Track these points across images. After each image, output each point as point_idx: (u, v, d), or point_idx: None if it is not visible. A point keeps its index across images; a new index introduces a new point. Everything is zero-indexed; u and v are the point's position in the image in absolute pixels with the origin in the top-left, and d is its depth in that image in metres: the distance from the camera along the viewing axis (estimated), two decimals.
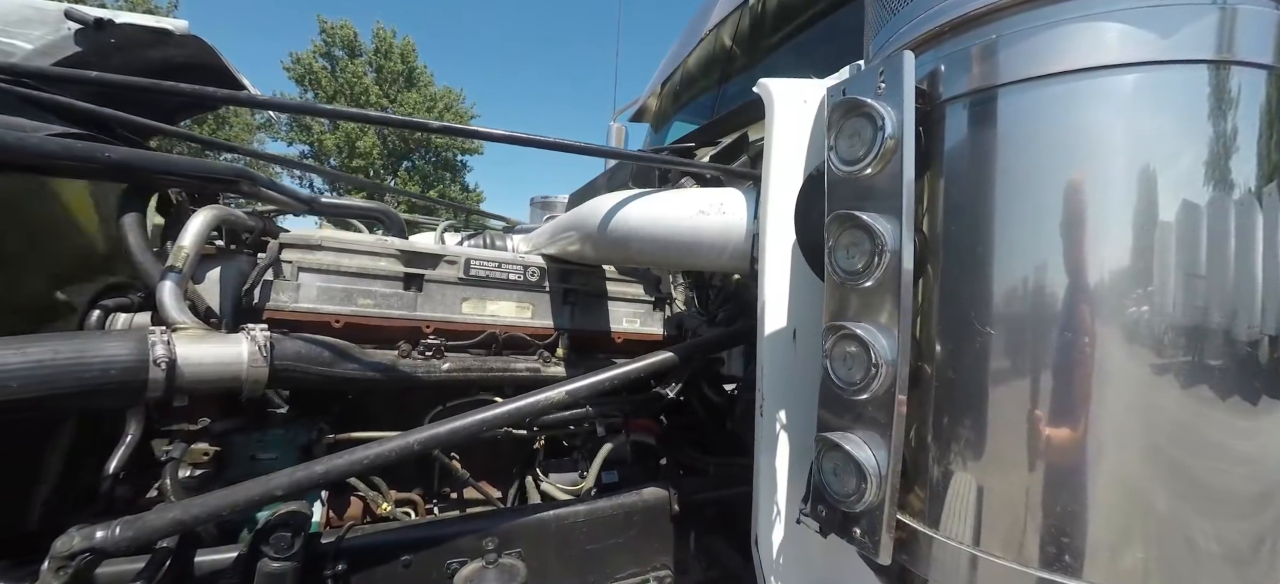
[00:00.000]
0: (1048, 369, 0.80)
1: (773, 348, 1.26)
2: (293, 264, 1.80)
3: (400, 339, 1.89)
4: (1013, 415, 0.82)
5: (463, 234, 2.92)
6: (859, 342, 0.88)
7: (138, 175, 1.56)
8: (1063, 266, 0.80)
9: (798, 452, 1.27)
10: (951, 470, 0.86)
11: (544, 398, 1.55)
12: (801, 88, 1.31)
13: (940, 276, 0.88)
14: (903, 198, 0.84)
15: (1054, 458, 0.79)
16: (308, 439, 1.77)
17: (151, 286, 1.49)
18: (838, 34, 2.66)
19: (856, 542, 0.90)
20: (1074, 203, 0.79)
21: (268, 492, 1.29)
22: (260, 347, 1.47)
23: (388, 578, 1.56)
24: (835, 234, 0.94)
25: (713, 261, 1.49)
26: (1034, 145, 0.82)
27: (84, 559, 1.18)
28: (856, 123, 0.90)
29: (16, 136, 1.32)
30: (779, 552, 1.28)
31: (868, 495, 0.87)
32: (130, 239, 1.52)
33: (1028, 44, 0.82)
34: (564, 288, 2.16)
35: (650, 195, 1.54)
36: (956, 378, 0.86)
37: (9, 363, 1.13)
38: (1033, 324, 0.81)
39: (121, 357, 1.26)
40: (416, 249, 1.97)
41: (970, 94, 0.86)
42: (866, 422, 0.90)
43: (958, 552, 0.85)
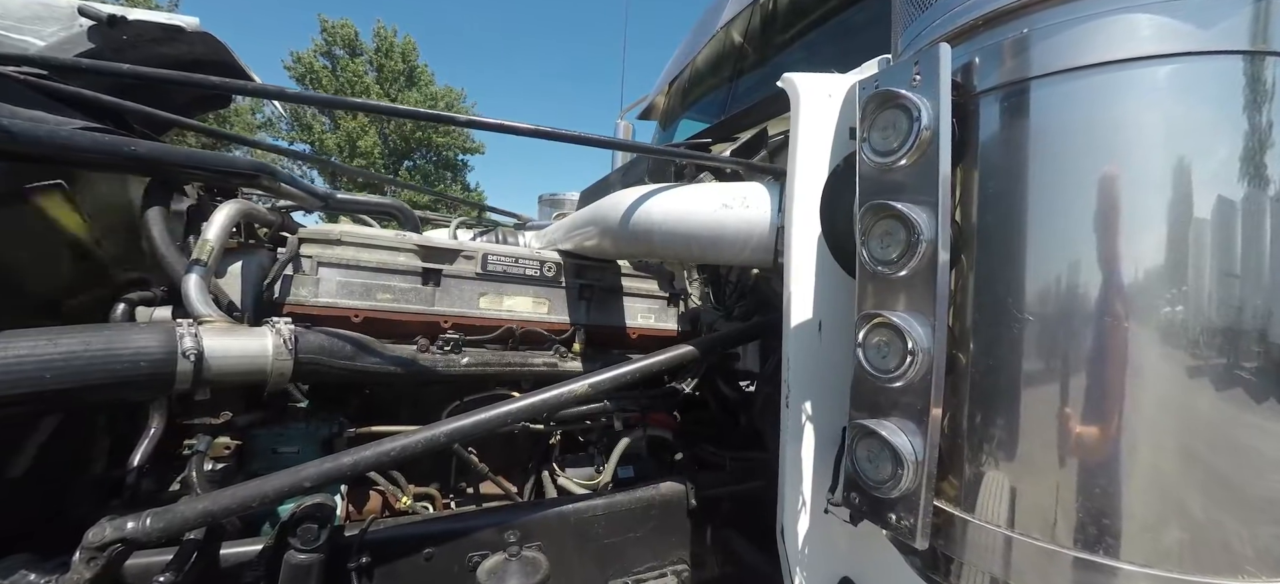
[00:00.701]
0: (1082, 358, 0.81)
1: (798, 340, 1.27)
2: (312, 259, 1.81)
3: (418, 334, 1.90)
4: (1048, 402, 0.83)
5: (474, 231, 2.93)
6: (894, 330, 0.89)
7: (161, 169, 1.57)
8: (1097, 259, 0.81)
9: (823, 442, 1.28)
10: (987, 456, 0.87)
11: (567, 391, 1.56)
12: (826, 82, 1.32)
13: (975, 266, 0.89)
14: (939, 188, 0.85)
15: (1089, 444, 0.80)
16: (329, 433, 1.78)
17: (176, 280, 1.50)
18: (849, 31, 2.67)
19: (892, 527, 0.91)
20: (1108, 195, 0.80)
21: (297, 483, 1.30)
22: (285, 340, 1.48)
23: (410, 570, 1.56)
24: (869, 224, 0.95)
25: (735, 255, 1.50)
26: (1069, 137, 0.83)
27: (115, 550, 1.19)
28: (891, 114, 0.91)
29: (46, 130, 1.33)
30: (804, 542, 1.29)
31: (904, 481, 0.88)
32: (154, 233, 1.53)
33: (1062, 36, 0.83)
34: (580, 283, 2.17)
35: (673, 189, 1.55)
36: (992, 366, 0.87)
37: (43, 354, 1.14)
38: (1067, 314, 0.82)
39: (151, 349, 1.27)
40: (434, 244, 1.98)
41: (1005, 86, 0.87)
42: (902, 409, 0.91)
43: (993, 534, 0.86)
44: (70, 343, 1.18)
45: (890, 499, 0.91)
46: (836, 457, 1.25)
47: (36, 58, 1.47)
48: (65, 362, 1.16)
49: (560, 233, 2.17)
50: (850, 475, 0.98)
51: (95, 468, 1.70)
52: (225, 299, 1.62)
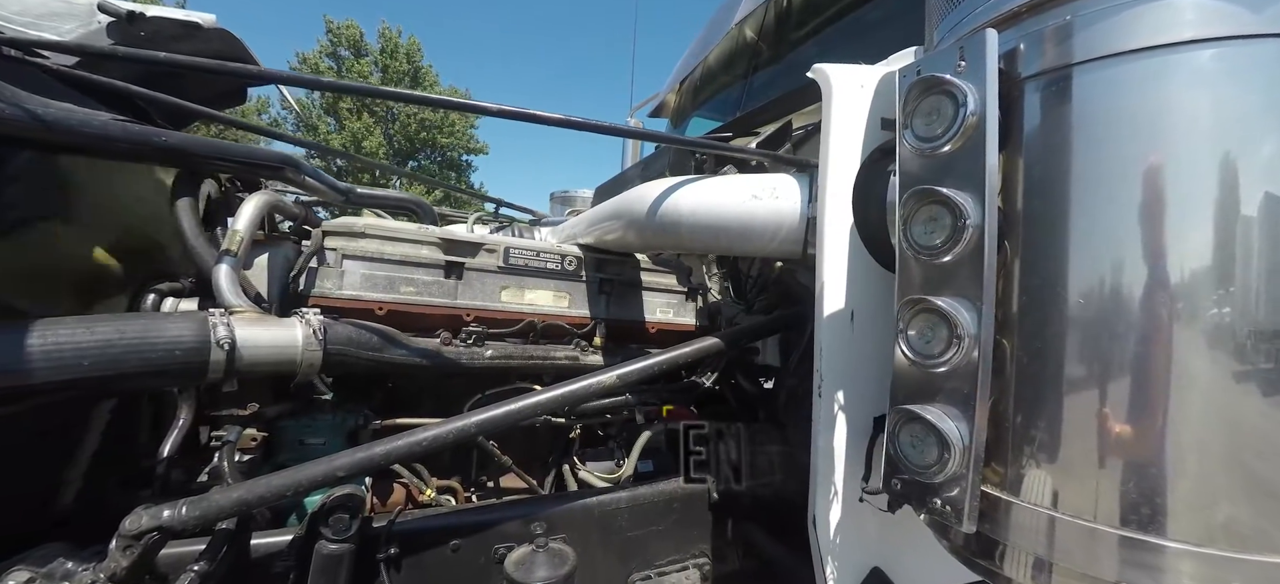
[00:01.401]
0: (1129, 342, 0.81)
1: (831, 329, 1.27)
2: (336, 252, 1.81)
3: (441, 327, 1.91)
4: (1094, 386, 0.83)
5: (491, 226, 2.94)
6: (940, 315, 0.89)
7: (190, 160, 1.57)
8: (1143, 245, 0.81)
9: (855, 432, 1.28)
10: (1033, 439, 0.87)
11: (594, 382, 1.56)
12: (857, 73, 1.32)
13: (1020, 252, 0.89)
14: (986, 173, 0.85)
15: (1135, 426, 0.80)
16: (354, 425, 1.79)
17: (205, 270, 1.51)
18: (865, 28, 2.67)
19: (936, 512, 0.91)
20: (1153, 181, 0.80)
21: (330, 472, 1.31)
22: (314, 330, 1.48)
23: (437, 562, 1.57)
24: (911, 210, 0.95)
25: (764, 247, 1.50)
26: (1114, 123, 0.83)
27: (151, 538, 1.20)
28: (936, 100, 0.91)
29: (80, 118, 1.34)
30: (836, 532, 1.29)
31: (951, 465, 0.88)
32: (184, 223, 1.53)
33: (1107, 21, 0.83)
34: (600, 277, 2.17)
35: (701, 181, 1.55)
36: (1038, 350, 0.87)
37: (80, 342, 1.15)
38: (1113, 299, 0.82)
39: (185, 338, 1.28)
40: (457, 238, 1.98)
41: (1050, 72, 0.87)
42: (946, 394, 0.91)
43: (1039, 515, 0.86)
44: (106, 331, 1.19)
45: (934, 484, 0.91)
46: (868, 446, 1.26)
47: (73, 45, 1.47)
48: (101, 349, 1.17)
49: (581, 226, 2.17)
50: (892, 461, 0.98)
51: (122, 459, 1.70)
52: (252, 291, 1.63)
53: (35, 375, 1.10)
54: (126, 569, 1.17)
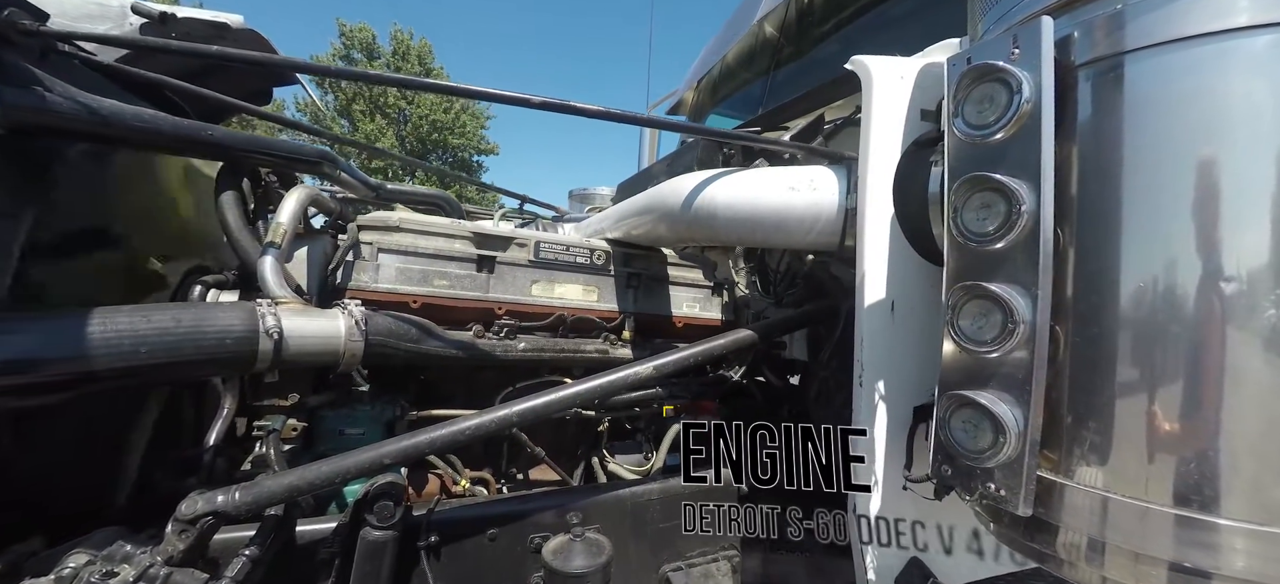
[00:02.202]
0: (1183, 326, 0.81)
1: (871, 320, 1.28)
2: (372, 245, 1.84)
3: (473, 320, 1.93)
4: (1149, 370, 0.84)
5: (516, 222, 2.96)
6: (995, 300, 0.90)
7: (234, 154, 1.60)
8: (1199, 232, 0.81)
9: (896, 422, 1.29)
10: (1087, 424, 0.88)
11: (632, 373, 1.58)
12: (897, 64, 1.33)
13: (1075, 239, 0.90)
14: (1043, 160, 0.86)
15: (1190, 409, 0.81)
16: (392, 416, 1.81)
17: (249, 263, 1.53)
18: (887, 23, 2.68)
19: (990, 496, 0.92)
20: (1209, 168, 0.81)
21: (377, 459, 1.33)
22: (357, 321, 1.51)
23: (475, 550, 1.59)
24: (963, 197, 0.96)
25: (800, 239, 1.51)
26: (1168, 108, 0.83)
27: (206, 523, 1.22)
28: (989, 88, 0.92)
29: (133, 113, 1.36)
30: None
31: (1006, 450, 0.89)
32: (228, 216, 1.56)
33: (1165, 8, 0.84)
34: (628, 272, 2.19)
35: (737, 174, 1.57)
36: (1093, 336, 0.88)
37: (138, 330, 1.18)
38: (1169, 285, 0.82)
39: (235, 327, 1.30)
40: (489, 232, 2.00)
41: (1103, 59, 0.88)
42: (1000, 379, 0.92)
43: (1092, 496, 0.87)
44: (162, 320, 1.22)
45: (988, 468, 0.92)
46: (909, 435, 1.26)
47: (136, 40, 1.50)
48: (158, 337, 1.19)
49: (609, 221, 2.19)
50: (942, 446, 0.99)
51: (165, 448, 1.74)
52: (293, 282, 1.65)
53: (96, 363, 1.12)
54: (183, 552, 1.20)
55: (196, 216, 1.97)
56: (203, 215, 1.93)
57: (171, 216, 1.87)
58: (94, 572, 1.13)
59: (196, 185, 1.97)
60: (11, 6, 1.17)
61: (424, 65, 28.75)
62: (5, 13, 1.16)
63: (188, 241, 1.93)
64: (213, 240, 1.94)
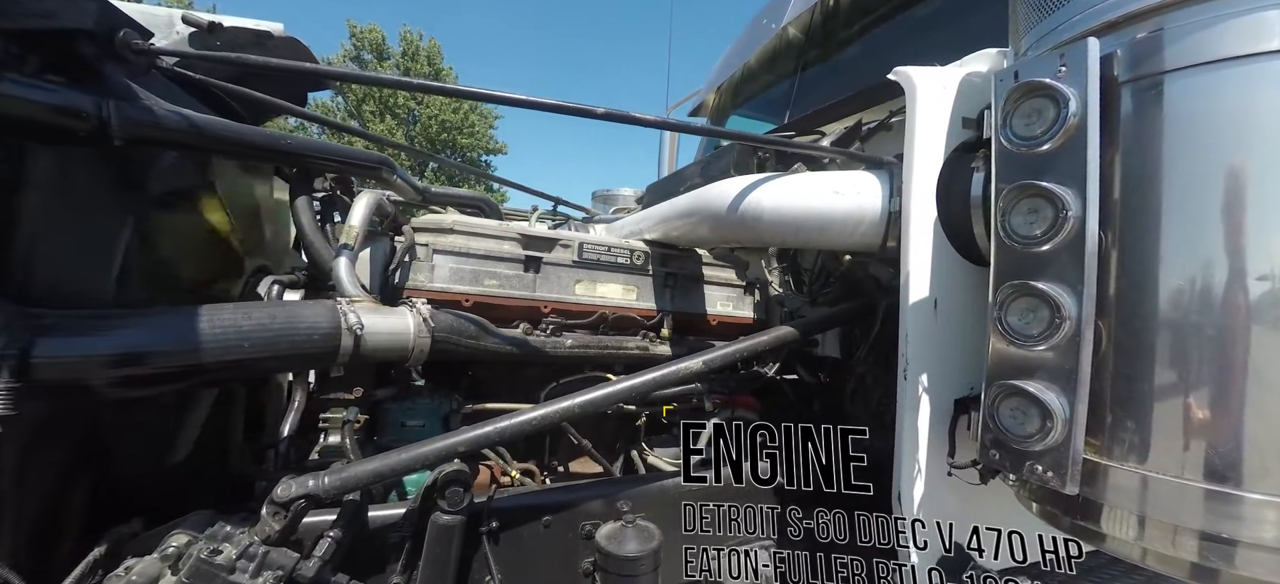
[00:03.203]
0: (1215, 323, 0.90)
1: (915, 317, 1.36)
2: (427, 246, 1.93)
3: (521, 318, 2.02)
4: (1185, 362, 0.93)
5: (549, 223, 3.06)
6: (1042, 297, 0.99)
7: (307, 161, 1.70)
8: (1232, 237, 0.90)
9: (938, 413, 1.37)
10: (1128, 409, 0.97)
11: (683, 367, 1.67)
12: (939, 74, 1.41)
13: (1117, 241, 0.98)
14: (1089, 170, 0.95)
15: (1221, 396, 0.90)
16: (448, 409, 1.91)
17: (323, 263, 1.63)
18: (911, 28, 2.76)
19: (1038, 477, 1.00)
20: (1243, 179, 0.90)
21: (452, 448, 1.42)
22: (425, 319, 1.60)
23: (531, 535, 1.68)
24: (1010, 202, 1.04)
25: (842, 241, 1.60)
26: (1203, 124, 0.92)
27: (299, 506, 1.32)
28: (1037, 103, 1.00)
29: (221, 123, 1.46)
30: (919, 506, 1.38)
31: (1053, 434, 0.97)
32: (303, 219, 1.66)
33: (1202, 32, 0.92)
34: (665, 271, 2.28)
35: (782, 178, 1.65)
36: (1135, 329, 0.96)
37: (241, 326, 1.27)
38: (1203, 286, 0.91)
39: (322, 324, 1.40)
40: (535, 233, 2.10)
41: (1144, 77, 0.96)
42: (1047, 370, 1.00)
43: (1132, 476, 0.95)
44: (261, 317, 1.31)
45: (1036, 451, 1.00)
46: (951, 425, 1.35)
47: (236, 58, 1.59)
48: (259, 333, 1.29)
49: (648, 223, 2.28)
50: (990, 432, 1.07)
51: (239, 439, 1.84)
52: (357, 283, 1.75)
53: (206, 356, 1.22)
54: (278, 533, 1.29)
55: (257, 219, 2.07)
56: (262, 217, 2.03)
57: (237, 219, 1.96)
58: (201, 549, 1.23)
59: (254, 191, 2.06)
60: (125, 28, 1.27)
61: (433, 66, 28.92)
62: (120, 34, 1.26)
63: (249, 242, 2.03)
64: (267, 242, 2.05)
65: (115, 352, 1.16)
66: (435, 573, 1.50)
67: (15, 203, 1.22)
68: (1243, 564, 0.88)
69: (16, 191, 1.22)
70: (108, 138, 1.23)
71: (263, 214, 1.92)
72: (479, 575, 1.60)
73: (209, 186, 1.72)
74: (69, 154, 1.30)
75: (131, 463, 1.48)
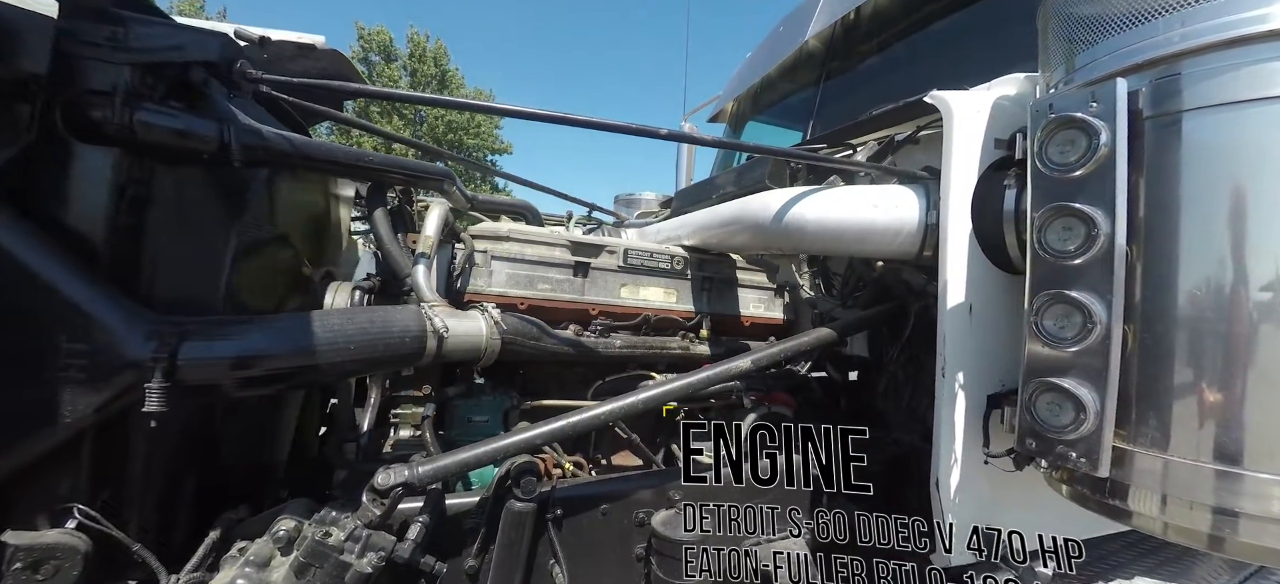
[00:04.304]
0: (1227, 327, 1.04)
1: (953, 321, 1.50)
2: (486, 253, 2.07)
3: (570, 320, 2.16)
4: (1199, 360, 1.07)
5: (584, 228, 3.20)
6: (1076, 305, 1.12)
7: (384, 175, 1.84)
8: (1232, 251, 1.05)
9: (973, 408, 1.51)
10: (1150, 401, 1.11)
11: (734, 365, 1.81)
12: (971, 99, 1.54)
13: (1141, 256, 1.12)
14: (1117, 194, 1.09)
15: (1228, 391, 1.05)
16: (508, 405, 2.05)
17: (401, 271, 1.77)
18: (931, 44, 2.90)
19: (1073, 464, 1.14)
20: (1248, 204, 1.04)
21: (530, 440, 1.56)
22: (496, 321, 1.74)
23: (590, 523, 1.82)
24: (1047, 220, 1.18)
25: (881, 250, 1.73)
26: (1219, 157, 1.07)
27: (396, 493, 1.45)
28: (1071, 134, 1.14)
29: (313, 143, 1.61)
30: (956, 492, 1.52)
31: (1086, 424, 1.11)
32: (382, 230, 1.80)
33: (1215, 79, 1.06)
34: (702, 275, 2.42)
35: (826, 191, 1.79)
36: (1159, 332, 1.10)
37: (346, 330, 1.42)
38: (1215, 296, 1.05)
39: (412, 327, 1.54)
40: (584, 240, 2.24)
41: (1165, 114, 1.10)
42: (1079, 369, 1.14)
43: (1155, 459, 1.10)
44: (361, 321, 1.46)
45: (1069, 440, 1.14)
46: (985, 419, 1.49)
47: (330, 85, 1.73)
48: (360, 336, 1.43)
49: (686, 229, 2.41)
50: (1028, 423, 1.21)
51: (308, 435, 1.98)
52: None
53: (319, 357, 1.36)
54: (378, 517, 1.43)
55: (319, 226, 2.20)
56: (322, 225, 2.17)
57: (307, 227, 2.10)
58: (315, 532, 1.37)
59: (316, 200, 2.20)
60: (242, 58, 1.41)
61: (439, 67, 29.10)
62: (237, 65, 1.40)
63: (314, 249, 2.16)
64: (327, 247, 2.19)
65: (242, 354, 1.30)
66: (509, 555, 1.64)
67: (145, 219, 1.37)
68: (1248, 534, 1.02)
69: (146, 208, 1.37)
70: (228, 159, 1.37)
71: (323, 222, 2.06)
72: (543, 559, 1.74)
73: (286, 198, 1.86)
74: (183, 173, 1.44)
75: (235, 455, 1.62)
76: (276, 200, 1.76)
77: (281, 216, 1.83)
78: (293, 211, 1.95)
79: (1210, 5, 1.04)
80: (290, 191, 1.92)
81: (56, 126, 1.26)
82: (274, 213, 1.78)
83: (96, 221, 1.29)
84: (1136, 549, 1.85)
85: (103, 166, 1.29)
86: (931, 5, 2.78)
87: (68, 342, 1.18)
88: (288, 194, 1.89)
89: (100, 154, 1.29)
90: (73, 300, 1.18)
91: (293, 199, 1.94)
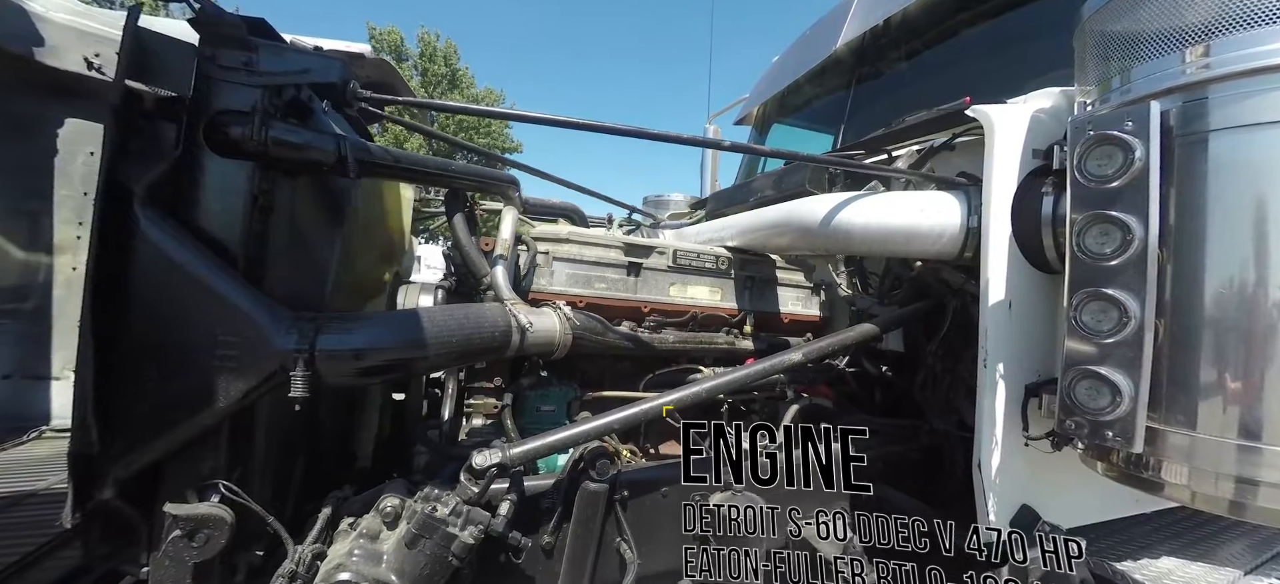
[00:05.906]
0: (1247, 321, 1.19)
1: (994, 316, 1.64)
2: (548, 254, 2.23)
3: (624, 318, 2.31)
4: (1222, 349, 1.22)
5: (625, 229, 3.36)
6: (1113, 302, 1.27)
7: (462, 183, 2.00)
8: (1258, 255, 1.19)
9: (1012, 396, 1.65)
10: (1179, 386, 1.26)
11: (785, 359, 1.96)
12: (1010, 112, 1.69)
13: (1171, 258, 1.26)
14: (1150, 204, 1.23)
15: (1247, 376, 1.20)
16: (572, 396, 2.21)
17: (479, 272, 1.93)
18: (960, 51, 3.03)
19: (1109, 442, 1.29)
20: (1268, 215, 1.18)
21: (607, 426, 1.72)
22: (568, 317, 1.90)
23: (652, 504, 1.97)
24: (1086, 226, 1.32)
25: (924, 251, 1.87)
26: (1242, 172, 1.20)
27: (491, 473, 1.61)
28: (1108, 149, 1.28)
29: (403, 154, 1.76)
30: (996, 472, 1.66)
31: (1122, 407, 1.26)
32: (460, 234, 1.96)
33: (1239, 103, 1.20)
34: (745, 275, 2.57)
35: (872, 197, 1.93)
36: (1188, 325, 1.25)
37: (448, 325, 1.58)
38: (1238, 293, 1.20)
39: (500, 324, 1.70)
40: (635, 241, 2.39)
41: (1194, 134, 1.24)
42: (1115, 359, 1.29)
43: (1183, 436, 1.25)
44: (459, 317, 1.62)
45: (1107, 421, 1.29)
46: (1023, 405, 1.63)
47: (426, 103, 1.89)
48: (459, 330, 1.59)
49: (730, 230, 2.56)
50: (1067, 407, 1.36)
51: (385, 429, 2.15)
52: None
53: (428, 350, 1.52)
54: (475, 495, 1.59)
55: (389, 229, 2.37)
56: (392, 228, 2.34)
57: (381, 230, 2.27)
58: (425, 507, 1.52)
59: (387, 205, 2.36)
60: (354, 79, 1.57)
61: (450, 66, 29.33)
62: (350, 86, 1.56)
63: (387, 250, 2.33)
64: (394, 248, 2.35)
65: (368, 346, 1.46)
66: (584, 532, 1.80)
67: (269, 225, 1.53)
68: (1266, 500, 1.17)
69: (270, 215, 1.53)
70: (345, 171, 1.53)
71: (397, 226, 2.23)
72: (610, 537, 1.90)
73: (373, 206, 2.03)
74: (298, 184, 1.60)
75: (331, 439, 1.79)
76: (366, 208, 1.92)
77: (369, 222, 2.00)
78: (377, 218, 2.12)
79: (1232, 38, 1.18)
80: (375, 200, 2.09)
81: (199, 143, 1.42)
82: (364, 219, 1.95)
83: (234, 229, 1.45)
84: (1162, 532, 1.98)
85: (238, 178, 1.45)
86: (961, 16, 2.91)
87: (223, 335, 1.34)
88: (373, 202, 2.06)
89: (236, 167, 1.45)
90: (227, 299, 1.34)
91: (377, 207, 2.11)
